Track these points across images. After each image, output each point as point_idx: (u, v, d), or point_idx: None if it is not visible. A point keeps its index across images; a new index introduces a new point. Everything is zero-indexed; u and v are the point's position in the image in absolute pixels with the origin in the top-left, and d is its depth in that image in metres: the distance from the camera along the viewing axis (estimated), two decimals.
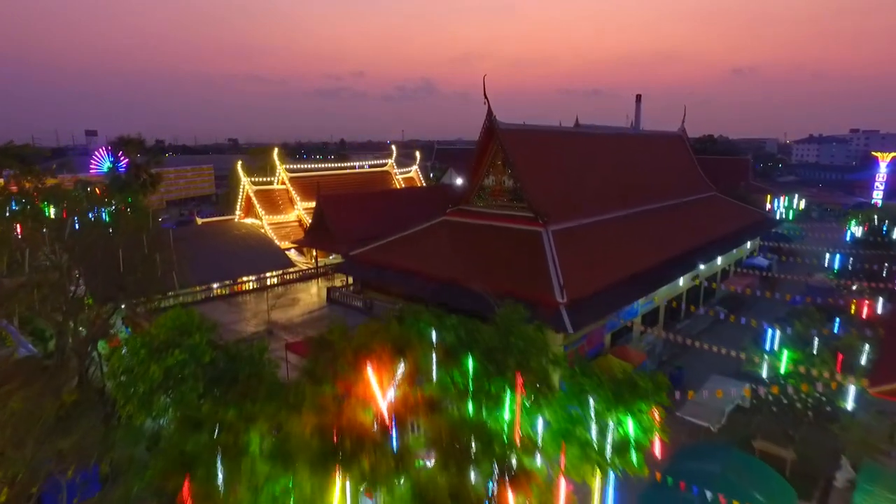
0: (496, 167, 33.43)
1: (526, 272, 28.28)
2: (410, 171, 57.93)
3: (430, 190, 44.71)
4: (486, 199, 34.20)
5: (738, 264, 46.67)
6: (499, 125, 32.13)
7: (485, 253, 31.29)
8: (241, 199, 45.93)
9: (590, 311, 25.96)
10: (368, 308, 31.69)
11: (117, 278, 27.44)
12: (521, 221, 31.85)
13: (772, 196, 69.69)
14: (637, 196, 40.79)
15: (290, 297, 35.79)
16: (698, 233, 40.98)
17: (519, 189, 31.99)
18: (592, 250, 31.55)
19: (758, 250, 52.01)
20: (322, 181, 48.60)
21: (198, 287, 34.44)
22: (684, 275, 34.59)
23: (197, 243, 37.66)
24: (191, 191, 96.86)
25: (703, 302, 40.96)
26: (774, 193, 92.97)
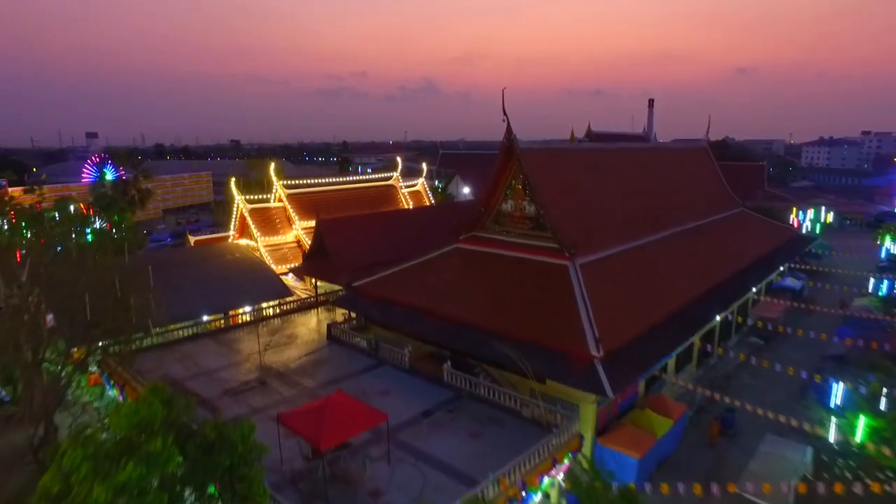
0: (515, 191, 30.04)
1: (551, 315, 24.90)
2: (417, 185, 54.60)
3: (439, 210, 41.40)
4: (504, 226, 30.81)
5: (768, 288, 43.27)
6: (519, 145, 28.74)
7: (503, 289, 27.90)
8: (234, 218, 42.63)
9: (630, 366, 22.54)
10: (374, 350, 28.33)
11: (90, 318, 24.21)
12: (544, 253, 28.48)
13: (797, 208, 66.14)
14: (665, 217, 37.41)
15: (287, 331, 32.43)
16: (732, 258, 37.59)
17: (542, 216, 28.60)
18: (625, 286, 28.16)
19: (786, 271, 48.55)
20: (322, 198, 45.39)
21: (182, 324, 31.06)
22: (724, 311, 31.22)
23: (186, 270, 34.41)
24: (188, 199, 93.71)
25: (734, 332, 37.63)
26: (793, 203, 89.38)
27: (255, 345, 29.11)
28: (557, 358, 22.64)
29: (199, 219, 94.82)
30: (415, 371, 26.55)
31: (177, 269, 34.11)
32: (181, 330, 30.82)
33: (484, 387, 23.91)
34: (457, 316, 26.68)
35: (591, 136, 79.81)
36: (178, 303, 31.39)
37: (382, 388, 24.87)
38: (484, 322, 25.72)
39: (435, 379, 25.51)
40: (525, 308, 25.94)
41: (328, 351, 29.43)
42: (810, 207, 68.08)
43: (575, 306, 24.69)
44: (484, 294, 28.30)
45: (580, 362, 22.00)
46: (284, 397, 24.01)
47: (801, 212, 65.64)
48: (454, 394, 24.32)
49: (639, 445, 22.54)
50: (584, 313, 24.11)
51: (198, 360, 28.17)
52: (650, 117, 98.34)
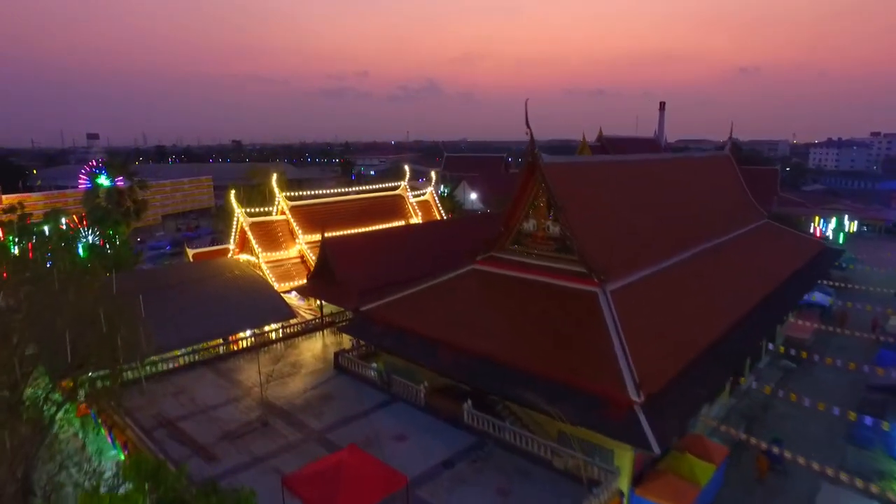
0: (538, 209, 27.74)
1: (582, 350, 22.63)
2: (425, 194, 52.31)
3: (451, 225, 39.10)
4: (525, 247, 28.52)
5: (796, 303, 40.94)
6: (543, 161, 26.45)
7: (526, 318, 25.63)
8: (234, 232, 40.39)
9: (674, 411, 20.22)
10: (385, 384, 26.07)
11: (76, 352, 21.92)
12: (570, 278, 26.20)
13: (819, 216, 63.73)
14: (692, 233, 35.10)
15: (291, 358, 30.18)
16: (765, 276, 35.24)
17: (567, 238, 26.30)
18: (658, 315, 25.83)
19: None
20: (327, 210, 43.15)
21: (177, 353, 28.83)
22: (765, 339, 28.93)
23: (182, 291, 32.16)
24: (188, 204, 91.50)
25: (764, 354, 35.38)
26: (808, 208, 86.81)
27: (257, 374, 26.87)
28: (591, 402, 20.38)
29: (199, 225, 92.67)
30: (431, 409, 24.30)
31: (172, 290, 31.91)
32: (177, 358, 28.58)
33: (510, 432, 21.65)
34: (476, 348, 24.42)
35: (602, 141, 77.46)
36: (173, 328, 29.16)
37: (397, 431, 22.62)
38: (506, 356, 23.47)
39: (454, 419, 23.27)
40: (551, 340, 23.67)
41: (336, 383, 27.17)
42: (832, 216, 65.56)
43: (608, 340, 22.41)
44: (505, 323, 26.04)
45: (618, 408, 19.72)
46: (289, 442, 21.75)
47: (823, 220, 63.14)
48: (476, 438, 22.06)
49: (682, 497, 20.30)
50: (618, 349, 21.83)
51: (194, 393, 25.93)
52: (661, 121, 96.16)
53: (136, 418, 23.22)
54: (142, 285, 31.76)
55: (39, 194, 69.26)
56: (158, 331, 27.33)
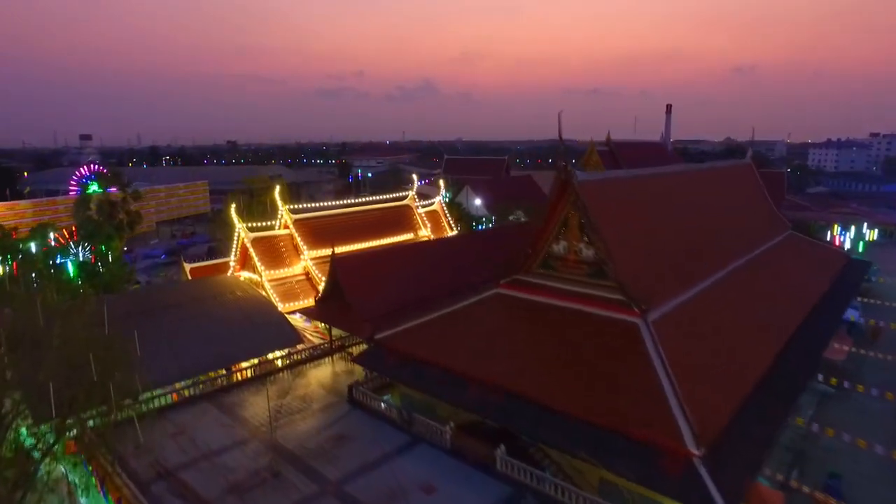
0: (570, 231, 25.57)
1: (625, 390, 20.47)
2: (433, 204, 50.06)
3: (467, 240, 36.86)
4: (555, 271, 26.36)
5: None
6: (577, 179, 24.28)
7: (560, 351, 23.47)
8: (235, 247, 38.00)
9: (739, 462, 18.13)
10: (407, 423, 23.82)
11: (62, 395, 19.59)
12: (606, 305, 24.06)
13: (837, 224, 61.93)
14: (724, 250, 33.13)
15: (300, 391, 27.89)
16: (802, 296, 33.28)
17: (604, 262, 24.14)
18: (705, 347, 23.72)
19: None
20: (332, 224, 40.86)
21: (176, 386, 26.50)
22: (817, 369, 26.90)
23: (180, 316, 29.81)
24: (184, 209, 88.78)
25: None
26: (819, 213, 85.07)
27: (263, 410, 24.60)
28: (642, 452, 18.24)
29: (195, 231, 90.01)
30: (459, 452, 22.09)
31: (169, 315, 29.54)
32: (175, 392, 26.24)
33: (551, 484, 19.47)
34: (507, 384, 22.25)
35: (610, 145, 75.51)
36: (170, 357, 26.85)
37: (423, 480, 20.38)
38: (541, 395, 21.30)
39: (485, 464, 21.09)
40: (591, 377, 21.53)
41: (351, 420, 24.89)
42: (850, 222, 63.73)
43: (655, 379, 20.28)
44: (536, 356, 23.83)
45: (675, 462, 17.58)
46: (304, 496, 19.48)
47: (842, 229, 61.31)
48: (512, 489, 19.88)
49: None
50: (668, 390, 19.70)
51: (195, 434, 23.59)
52: (667, 123, 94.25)
53: (131, 469, 20.88)
54: (136, 308, 29.48)
55: (28, 202, 66.38)
56: (155, 361, 25.13)
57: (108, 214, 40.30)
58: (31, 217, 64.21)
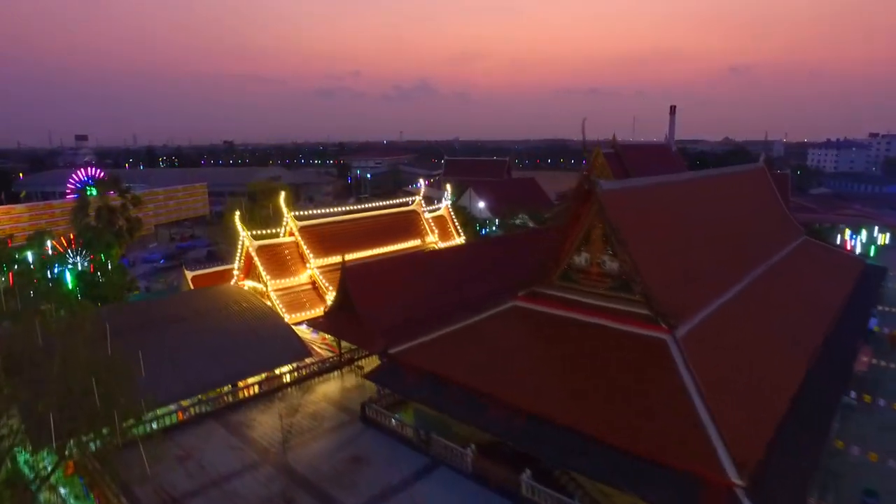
0: (593, 242, 24.54)
1: (657, 413, 19.44)
2: (440, 209, 49.00)
3: (477, 248, 35.79)
4: (576, 283, 25.32)
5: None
6: (601, 188, 23.27)
7: (584, 369, 22.42)
8: (240, 256, 36.84)
9: (783, 490, 17.18)
10: (424, 444, 22.78)
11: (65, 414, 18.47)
12: (631, 321, 23.05)
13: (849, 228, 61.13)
14: (745, 259, 32.17)
15: (310, 408, 26.79)
16: (824, 305, 32.34)
17: (630, 276, 23.12)
18: (737, 364, 22.70)
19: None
20: (339, 231, 39.73)
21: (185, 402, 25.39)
22: (848, 385, 25.97)
23: (184, 329, 28.67)
24: (182, 212, 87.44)
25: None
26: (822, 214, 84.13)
27: (273, 428, 23.53)
28: (678, 481, 17.25)
29: (194, 234, 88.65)
30: (481, 476, 21.06)
31: (172, 329, 28.41)
32: (181, 410, 25.13)
33: None
34: (530, 406, 21.23)
35: (615, 148, 74.51)
36: (175, 374, 25.73)
37: None
38: (568, 419, 20.28)
39: (509, 490, 20.08)
40: (619, 400, 20.50)
41: (365, 441, 23.82)
42: (859, 226, 62.90)
43: (688, 401, 19.27)
44: (560, 375, 22.78)
45: (715, 492, 16.60)
46: None
47: (853, 233, 60.48)
48: None
49: None
50: (704, 414, 18.67)
51: (203, 458, 22.49)
52: (672, 124, 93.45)
53: (135, 497, 19.77)
54: (137, 322, 28.36)
55: (24, 207, 64.96)
56: (158, 379, 24.03)
57: (107, 221, 39.05)
58: (28, 222, 62.89)
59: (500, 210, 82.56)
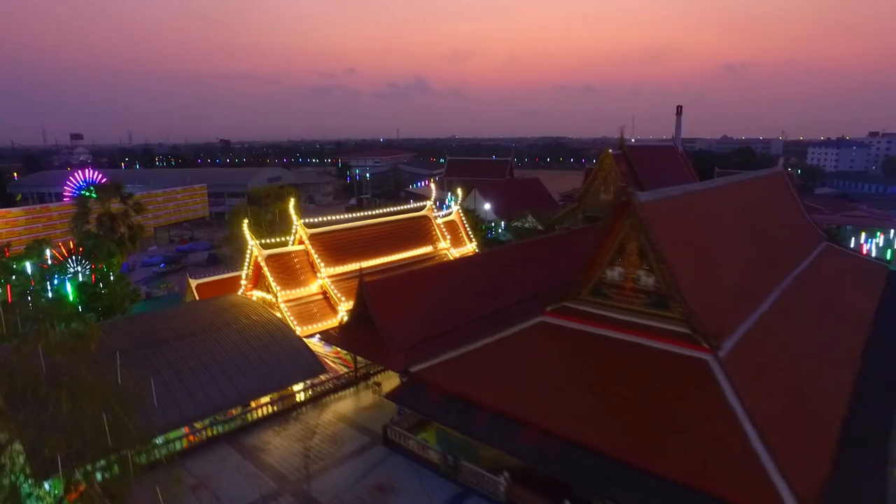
0: (628, 256, 23.27)
1: (705, 442, 18.28)
2: (451, 214, 47.74)
3: (496, 257, 34.50)
4: (608, 299, 24.06)
5: None
6: (639, 200, 22.02)
7: (620, 391, 21.18)
8: (248, 265, 35.47)
9: None
10: (452, 470, 21.53)
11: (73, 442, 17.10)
12: (669, 339, 21.82)
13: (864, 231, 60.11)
14: (773, 268, 31.09)
15: (328, 429, 25.49)
16: (858, 316, 31.24)
17: (668, 293, 21.89)
18: (784, 385, 21.59)
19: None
20: (350, 238, 38.42)
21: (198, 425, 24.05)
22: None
23: (192, 346, 27.29)
24: (182, 214, 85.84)
25: None
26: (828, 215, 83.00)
27: (290, 452, 22.23)
28: None
29: (194, 236, 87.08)
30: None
31: (181, 346, 27.01)
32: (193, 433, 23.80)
33: None
34: (565, 430, 20.07)
35: (624, 148, 73.40)
36: (184, 395, 24.40)
37: None
38: (608, 446, 19.12)
39: None
40: (663, 426, 19.32)
41: (389, 467, 22.56)
42: (877, 230, 61.90)
43: (738, 429, 18.09)
44: (595, 397, 21.51)
45: None
46: None
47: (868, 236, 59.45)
48: None
49: None
50: (757, 443, 17.50)
51: (218, 487, 21.19)
52: (678, 125, 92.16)
53: None
54: (144, 339, 26.98)
55: (20, 210, 63.23)
56: (168, 401, 22.70)
57: (108, 228, 37.58)
58: (24, 226, 61.26)
59: (506, 211, 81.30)
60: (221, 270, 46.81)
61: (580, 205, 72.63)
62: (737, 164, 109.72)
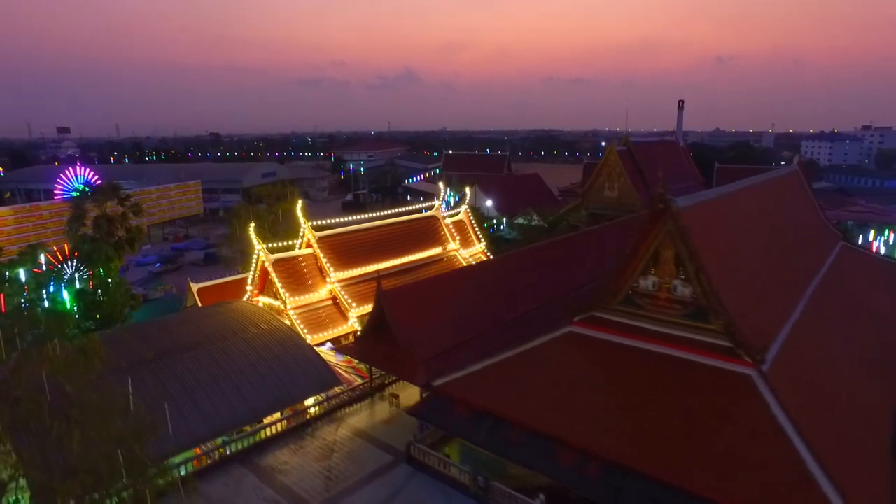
0: (664, 265, 22.16)
1: (748, 460, 17.40)
2: (459, 213, 46.55)
3: (509, 261, 33.18)
4: (641, 309, 22.95)
5: None
6: (677, 206, 20.92)
7: (660, 408, 20.16)
8: (254, 270, 34.03)
9: None
10: (483, 491, 20.44)
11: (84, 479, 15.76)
12: (707, 352, 20.83)
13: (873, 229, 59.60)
14: (801, 272, 30.21)
15: (346, 446, 24.28)
16: (884, 321, 30.44)
17: (706, 303, 20.86)
18: (825, 400, 20.69)
19: None
20: (358, 241, 37.14)
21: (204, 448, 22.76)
22: None
23: (199, 359, 25.91)
24: (176, 211, 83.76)
25: None
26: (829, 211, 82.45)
27: (308, 473, 21.02)
28: None
29: (188, 233, 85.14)
30: None
31: (188, 358, 25.64)
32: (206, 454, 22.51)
33: None
34: (605, 451, 19.06)
35: (629, 145, 72.51)
36: (194, 413, 23.07)
37: None
38: (647, 465, 18.17)
39: None
40: (704, 443, 18.39)
41: (414, 487, 21.45)
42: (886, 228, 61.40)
43: (789, 448, 17.16)
44: (634, 414, 20.46)
45: None
46: None
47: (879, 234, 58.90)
48: None
49: None
50: (812, 463, 16.57)
51: None
52: (679, 119, 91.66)
53: None
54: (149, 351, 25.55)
55: (9, 209, 60.92)
56: (178, 420, 21.39)
57: (106, 232, 35.87)
58: (13, 225, 59.14)
59: (508, 208, 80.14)
60: (220, 270, 45.37)
61: (583, 201, 71.59)
62: (734, 158, 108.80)
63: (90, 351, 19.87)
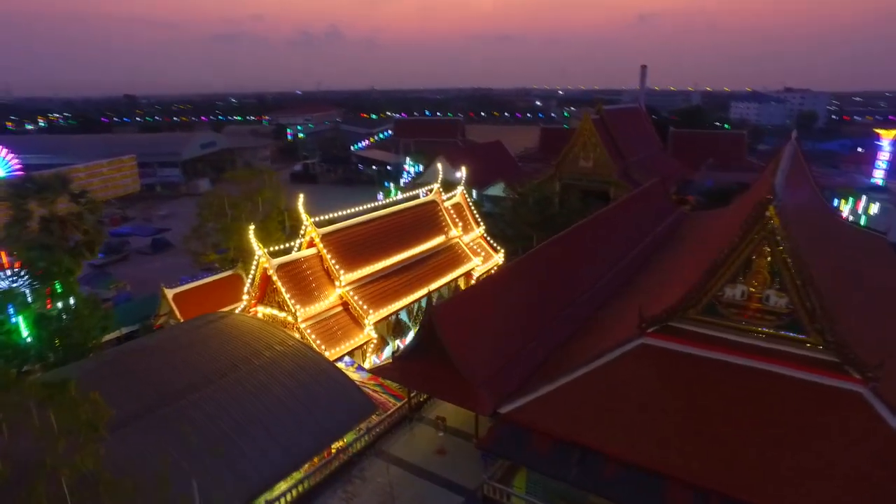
0: (756, 273, 20.23)
1: (885, 494, 16.14)
2: (456, 195, 43.30)
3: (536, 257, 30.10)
4: (725, 318, 21.11)
5: None
6: (779, 204, 18.85)
7: (764, 429, 18.59)
8: (254, 276, 29.42)
9: None
10: None
11: None
12: (806, 366, 19.37)
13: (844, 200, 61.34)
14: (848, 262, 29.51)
15: (405, 490, 21.30)
16: None
17: (802, 313, 19.24)
18: None
19: None
20: (364, 235, 33.26)
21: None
22: None
23: (216, 403, 21.70)
24: (110, 191, 74.37)
25: None
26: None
27: None
28: None
29: (126, 215, 76.15)
30: None
31: (200, 401, 21.31)
32: None
33: None
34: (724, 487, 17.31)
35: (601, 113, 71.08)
36: (228, 473, 19.20)
37: None
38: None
39: None
40: (830, 474, 16.96)
41: None
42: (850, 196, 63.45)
43: None
44: (740, 439, 18.72)
45: None
46: None
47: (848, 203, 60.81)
48: None
49: None
50: None
51: None
52: (642, 84, 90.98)
53: None
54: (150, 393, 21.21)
55: None
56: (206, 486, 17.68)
57: (59, 236, 29.43)
58: None
59: (477, 179, 77.03)
60: (171, 258, 39.73)
61: (557, 171, 69.96)
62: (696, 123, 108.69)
63: (97, 418, 15.79)
